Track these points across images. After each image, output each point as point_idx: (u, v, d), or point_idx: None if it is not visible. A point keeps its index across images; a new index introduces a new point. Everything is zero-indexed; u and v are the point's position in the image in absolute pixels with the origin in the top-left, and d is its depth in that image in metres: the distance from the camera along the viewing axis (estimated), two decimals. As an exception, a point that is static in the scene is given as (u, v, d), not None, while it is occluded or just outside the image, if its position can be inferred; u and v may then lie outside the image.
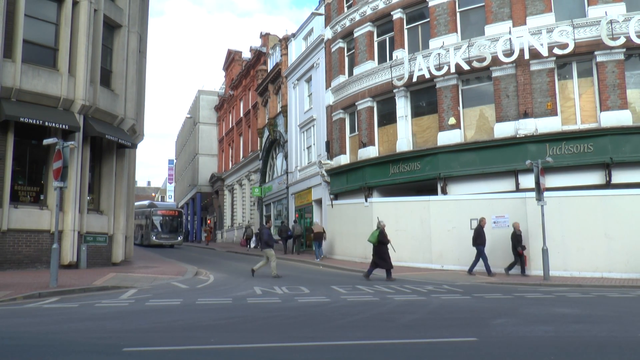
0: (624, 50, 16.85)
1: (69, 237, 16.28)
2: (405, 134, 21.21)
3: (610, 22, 16.67)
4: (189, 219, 56.31)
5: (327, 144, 25.89)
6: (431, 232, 18.57)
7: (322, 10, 27.06)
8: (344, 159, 24.38)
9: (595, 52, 17.15)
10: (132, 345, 5.92)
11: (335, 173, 24.67)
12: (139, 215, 38.79)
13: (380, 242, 15.00)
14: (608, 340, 6.41)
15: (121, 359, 5.40)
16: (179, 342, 6.19)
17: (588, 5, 17.60)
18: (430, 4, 20.65)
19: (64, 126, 15.83)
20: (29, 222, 15.67)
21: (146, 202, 43.40)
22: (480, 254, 15.83)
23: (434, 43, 20.31)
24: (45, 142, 13.03)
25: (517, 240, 15.58)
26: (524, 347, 6.00)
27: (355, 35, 23.85)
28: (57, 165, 12.32)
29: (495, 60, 18.36)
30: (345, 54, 25.01)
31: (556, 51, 17.31)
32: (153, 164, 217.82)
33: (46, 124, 15.46)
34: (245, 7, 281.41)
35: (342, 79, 24.72)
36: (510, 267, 15.76)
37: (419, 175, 20.24)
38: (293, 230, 28.57)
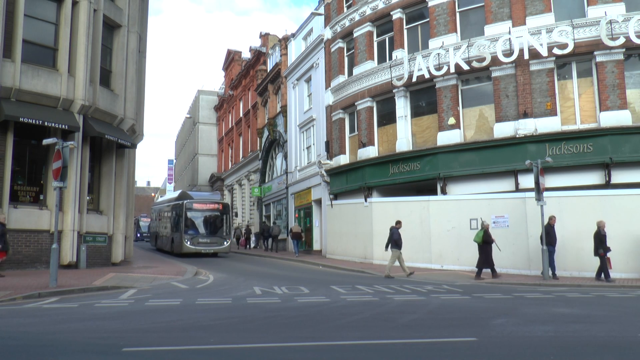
0: (624, 50, 16.85)
1: (69, 237, 16.28)
2: (404, 134, 21.22)
3: (610, 22, 16.67)
4: None
5: (327, 144, 25.90)
6: (431, 232, 18.58)
7: (321, 10, 27.06)
8: (343, 159, 24.39)
9: (595, 52, 17.15)
10: (132, 345, 5.92)
11: (335, 173, 24.67)
12: (166, 212, 30.24)
13: (485, 241, 15.03)
14: (607, 340, 6.41)
15: (121, 359, 5.40)
16: (179, 342, 6.19)
17: (588, 5, 17.60)
18: (430, 4, 20.66)
19: (63, 126, 15.83)
20: (28, 222, 15.67)
21: (175, 194, 33.21)
22: (549, 255, 14.60)
23: (433, 43, 20.32)
24: (45, 142, 13.03)
25: (600, 240, 14.00)
26: (523, 347, 6.01)
27: (355, 35, 23.86)
28: (57, 165, 12.32)
29: (495, 60, 18.36)
30: (345, 54, 25.02)
31: (556, 51, 17.31)
32: (153, 164, 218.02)
33: (46, 124, 15.46)
34: (244, 6, 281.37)
35: (341, 79, 24.73)
36: (600, 272, 14.06)
37: (419, 175, 20.25)
38: (272, 230, 29.01)
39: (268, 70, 36.79)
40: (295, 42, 31.68)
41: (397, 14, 21.88)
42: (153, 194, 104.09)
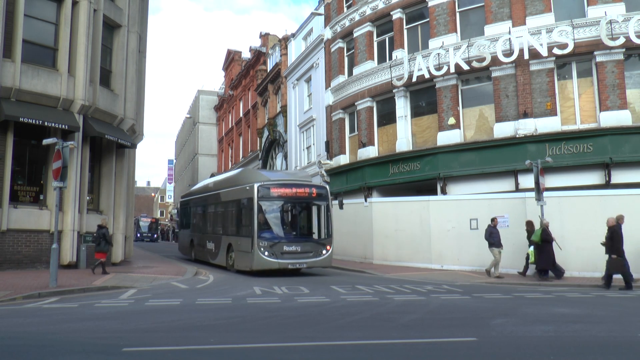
0: (624, 50, 16.85)
1: (69, 237, 16.27)
2: (404, 134, 21.22)
3: (610, 22, 16.67)
4: None
5: (327, 144, 25.90)
6: (431, 232, 18.57)
7: (321, 10, 27.07)
8: (343, 159, 24.39)
9: (595, 52, 17.15)
10: (132, 345, 5.92)
11: (335, 173, 24.67)
12: (216, 203, 19.57)
13: (544, 240, 14.65)
14: (608, 340, 6.41)
15: (121, 359, 5.40)
16: (179, 342, 6.19)
17: (588, 5, 17.61)
18: (430, 4, 20.66)
19: (63, 126, 15.82)
20: (28, 222, 15.67)
21: (232, 173, 21.03)
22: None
23: (433, 43, 20.32)
24: (45, 142, 13.03)
25: None
26: (523, 347, 6.01)
27: (355, 35, 23.86)
28: (57, 165, 12.32)
29: (495, 60, 18.36)
30: (345, 54, 25.02)
31: (556, 51, 17.31)
32: (153, 164, 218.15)
33: (46, 124, 15.46)
34: (243, 4, 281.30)
35: (341, 79, 24.73)
36: None
37: (419, 175, 20.25)
38: None
39: (268, 70, 36.80)
40: (295, 42, 31.68)
41: (397, 14, 21.89)
42: (153, 194, 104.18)
